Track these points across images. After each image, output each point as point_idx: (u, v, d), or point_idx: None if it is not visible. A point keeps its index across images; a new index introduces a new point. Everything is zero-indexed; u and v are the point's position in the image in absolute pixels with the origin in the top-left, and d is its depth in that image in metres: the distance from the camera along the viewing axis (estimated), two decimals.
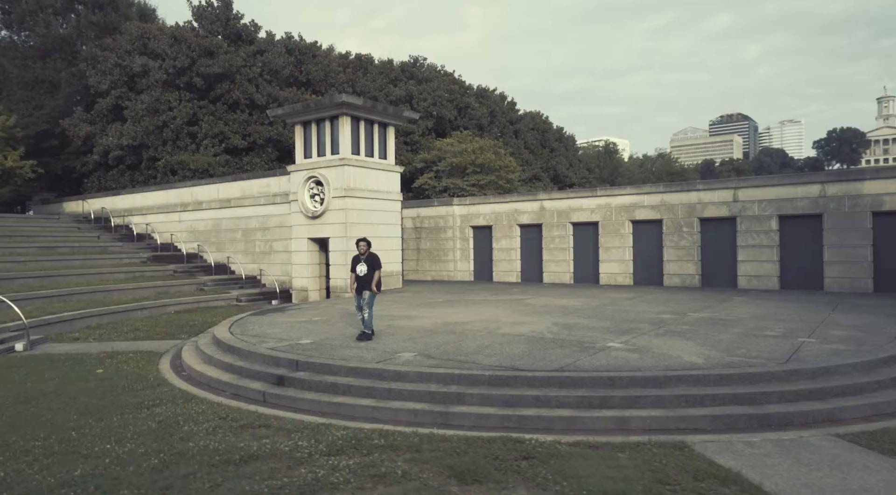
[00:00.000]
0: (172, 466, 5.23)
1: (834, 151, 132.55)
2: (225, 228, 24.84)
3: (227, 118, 29.63)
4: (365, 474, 4.99)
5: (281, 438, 6.02)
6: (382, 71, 42.32)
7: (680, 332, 9.83)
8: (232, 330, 11.25)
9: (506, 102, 51.89)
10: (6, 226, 25.12)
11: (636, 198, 20.31)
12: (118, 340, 12.95)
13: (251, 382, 8.22)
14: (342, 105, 19.32)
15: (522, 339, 9.40)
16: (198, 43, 28.50)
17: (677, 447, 5.60)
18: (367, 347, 9.10)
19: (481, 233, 24.53)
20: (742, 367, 7.13)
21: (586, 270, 21.68)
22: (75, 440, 6.06)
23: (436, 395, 6.94)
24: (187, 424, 6.56)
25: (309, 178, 20.46)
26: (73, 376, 9.22)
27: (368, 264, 10.00)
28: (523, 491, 4.69)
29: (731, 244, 18.48)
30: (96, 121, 31.64)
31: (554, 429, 6.30)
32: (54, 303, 16.54)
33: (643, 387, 6.74)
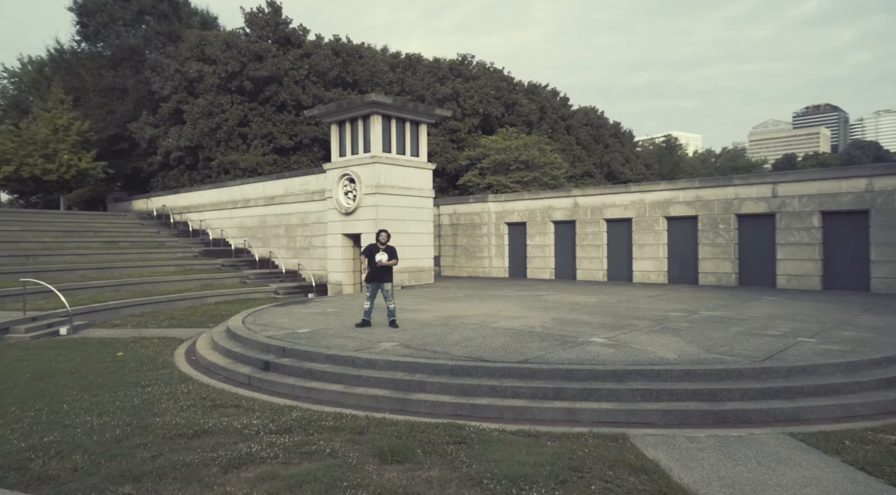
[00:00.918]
0: (131, 437, 5.70)
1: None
2: (269, 224, 25.98)
3: (275, 119, 30.90)
4: (296, 451, 5.27)
5: (241, 417, 6.40)
6: (431, 69, 42.77)
7: (675, 329, 9.58)
8: (246, 319, 11.87)
9: (558, 98, 51.22)
10: (77, 221, 27.31)
11: (671, 194, 19.69)
12: (152, 327, 13.91)
13: (242, 367, 8.71)
14: (372, 104, 19.80)
15: (509, 333, 9.44)
16: (248, 48, 29.88)
17: (614, 439, 5.56)
18: (355, 337, 9.41)
19: (516, 229, 24.46)
20: (710, 364, 6.93)
21: (620, 268, 21.21)
22: (64, 412, 6.68)
23: (399, 383, 7.15)
24: (167, 402, 7.08)
25: (343, 176, 21.09)
26: (94, 357, 10.05)
27: (389, 254, 10.01)
28: (436, 471, 4.83)
29: (769, 242, 17.61)
30: (159, 124, 33.77)
31: (504, 419, 6.37)
32: (105, 293, 17.91)
33: (601, 381, 6.68)
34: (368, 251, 10.11)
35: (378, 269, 9.97)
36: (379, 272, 9.97)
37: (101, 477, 4.73)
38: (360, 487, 4.47)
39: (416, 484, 4.56)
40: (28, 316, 13.24)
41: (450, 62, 44.08)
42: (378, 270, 9.97)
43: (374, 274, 10.01)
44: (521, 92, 45.33)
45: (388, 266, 10.01)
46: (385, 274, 10.01)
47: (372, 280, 10.05)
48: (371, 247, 10.11)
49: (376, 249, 10.03)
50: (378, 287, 10.10)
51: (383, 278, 10.01)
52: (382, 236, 10.12)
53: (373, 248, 10.07)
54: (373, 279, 10.04)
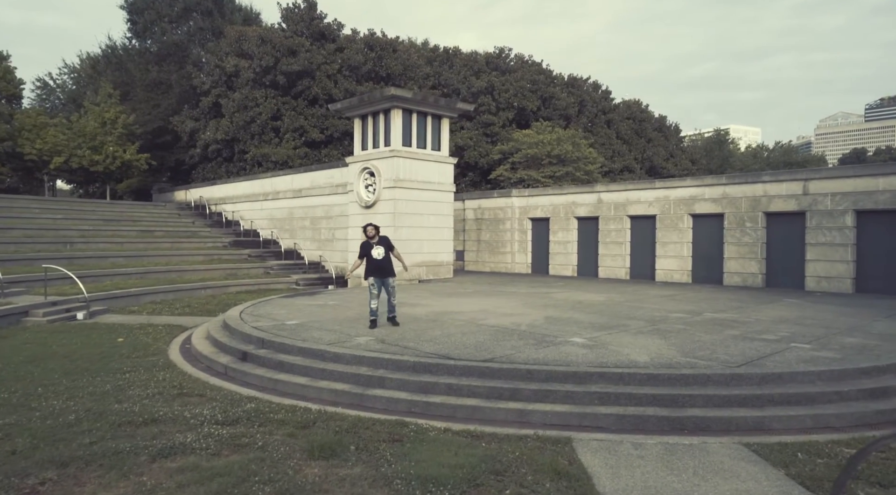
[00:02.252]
0: (82, 423, 5.86)
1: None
2: (297, 216, 26.43)
3: (307, 113, 31.37)
4: (230, 443, 5.30)
5: (196, 407, 6.49)
6: (467, 63, 42.47)
7: (665, 331, 9.17)
8: (244, 310, 12.09)
9: (599, 92, 50.03)
10: (118, 211, 28.51)
11: (696, 191, 18.91)
12: (164, 315, 14.35)
13: (223, 357, 8.86)
14: (393, 98, 19.80)
15: (491, 330, 9.26)
16: (282, 43, 30.40)
17: (556, 442, 5.35)
18: (337, 330, 9.43)
19: (539, 225, 24.05)
20: (679, 368, 6.58)
21: (643, 266, 20.57)
22: (36, 395, 6.94)
23: (360, 378, 7.10)
24: (136, 389, 7.26)
25: (364, 169, 21.22)
26: (94, 342, 10.43)
27: (385, 247, 9.57)
28: (359, 469, 4.76)
29: (799, 241, 16.69)
30: (200, 117, 34.84)
31: (456, 417, 6.23)
32: (131, 280, 18.60)
33: (560, 382, 6.45)
34: (363, 249, 9.68)
35: (378, 264, 9.53)
36: (379, 267, 9.53)
37: (32, 461, 4.86)
38: (269, 482, 4.45)
39: (328, 482, 4.50)
40: (49, 300, 13.88)
41: (486, 55, 43.66)
42: (378, 265, 9.53)
43: (374, 269, 9.55)
44: (559, 85, 44.52)
45: (388, 259, 9.59)
46: (387, 268, 9.58)
47: (374, 275, 9.59)
48: (363, 245, 9.70)
49: (369, 245, 9.62)
50: (382, 282, 9.64)
51: (386, 272, 9.60)
52: (369, 230, 9.67)
53: (366, 246, 9.66)
54: (374, 274, 9.59)
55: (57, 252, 19.69)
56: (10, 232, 20.61)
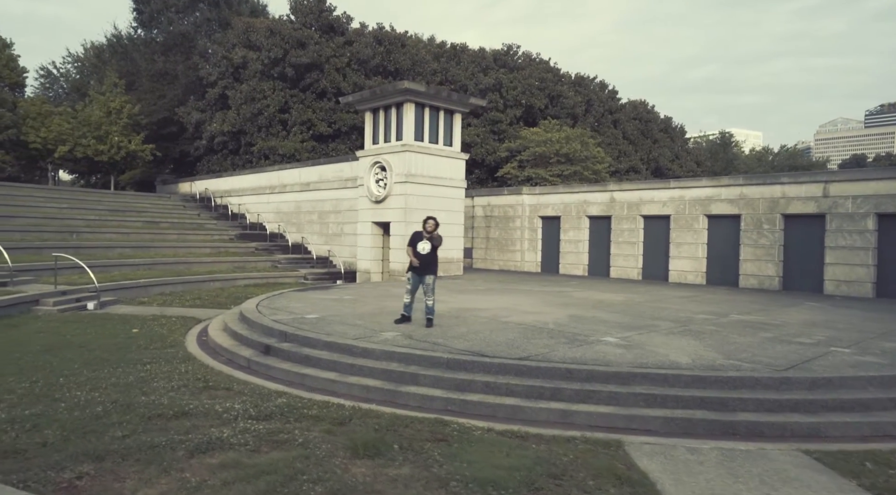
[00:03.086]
0: (111, 415, 5.64)
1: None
2: (304, 210, 26.18)
3: (315, 106, 31.10)
4: (268, 439, 5.09)
5: (226, 401, 6.27)
6: (475, 59, 42.21)
7: (697, 332, 8.97)
8: (260, 303, 11.86)
9: (606, 91, 49.82)
10: (123, 202, 28.23)
11: (712, 191, 18.72)
12: (175, 306, 14.12)
13: (244, 350, 8.64)
14: (406, 91, 19.56)
15: (519, 328, 9.05)
16: (291, 35, 30.12)
17: (608, 445, 5.14)
18: (360, 325, 9.21)
19: (550, 223, 23.85)
20: (724, 370, 6.38)
21: (655, 266, 20.37)
22: (58, 385, 6.72)
23: (392, 374, 6.89)
24: (160, 381, 7.04)
25: (374, 164, 20.98)
26: (108, 333, 10.21)
27: (434, 244, 9.20)
28: (406, 469, 4.55)
29: (818, 244, 16.50)
30: (206, 109, 34.52)
31: (496, 417, 6.02)
32: (139, 271, 18.36)
33: (603, 383, 6.24)
34: (412, 239, 9.35)
35: (421, 260, 9.18)
36: (421, 263, 9.18)
37: (66, 453, 4.65)
38: (319, 481, 4.24)
39: (379, 482, 4.29)
40: (58, 289, 13.64)
41: (494, 52, 43.40)
42: (421, 261, 9.18)
43: (419, 265, 9.22)
44: (566, 84, 44.27)
45: (433, 257, 9.23)
46: (428, 265, 9.20)
47: (413, 269, 9.29)
48: (415, 236, 9.35)
49: (420, 237, 9.25)
50: (420, 279, 9.28)
51: (425, 270, 9.21)
52: (429, 224, 9.28)
53: (416, 237, 9.30)
54: (414, 270, 9.29)
55: (63, 241, 19.42)
56: (14, 220, 20.34)
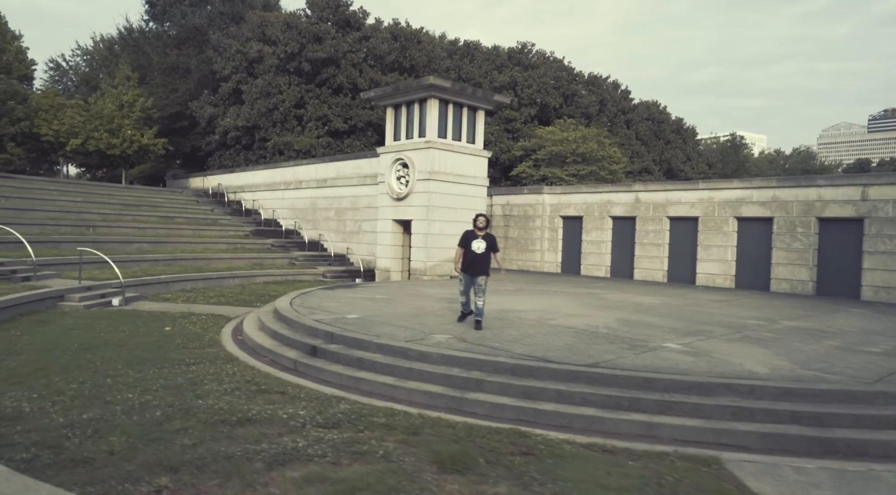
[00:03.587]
0: (172, 420, 5.33)
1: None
2: (320, 207, 25.87)
3: (331, 102, 30.76)
4: (346, 450, 4.77)
5: (287, 406, 5.96)
6: (489, 57, 41.86)
7: (758, 339, 8.65)
8: (293, 301, 11.56)
9: (619, 91, 49.44)
10: (136, 196, 27.95)
11: (743, 193, 18.37)
12: (201, 303, 13.82)
13: (288, 350, 8.33)
14: (430, 87, 19.22)
15: (571, 332, 8.73)
16: (308, 29, 29.78)
17: (706, 463, 4.82)
18: (406, 326, 8.90)
19: (571, 223, 23.51)
20: (813, 382, 6.06)
21: (682, 269, 20.03)
22: (107, 387, 6.41)
23: (455, 380, 6.58)
24: (211, 383, 6.72)
25: (396, 160, 20.65)
26: (142, 331, 9.90)
27: (488, 243, 8.82)
28: (503, 487, 4.23)
29: (855, 249, 16.16)
30: (219, 103, 34.20)
31: (573, 428, 5.71)
32: (158, 267, 18.08)
33: (684, 393, 5.92)
34: (464, 239, 9.01)
35: (473, 259, 8.86)
36: (474, 263, 8.84)
37: (137, 463, 4.34)
38: None
39: None
40: (83, 285, 13.33)
41: (508, 50, 43.05)
42: (473, 261, 8.86)
43: (469, 264, 8.88)
44: (580, 83, 43.93)
45: (486, 257, 8.83)
46: (480, 265, 8.83)
47: (466, 270, 8.95)
48: (467, 234, 9.03)
49: (473, 236, 8.93)
50: (472, 280, 8.92)
51: (478, 270, 8.84)
52: (480, 221, 8.93)
53: (469, 235, 8.98)
54: (467, 269, 8.94)
55: (81, 235, 19.14)
56: (31, 213, 20.05)
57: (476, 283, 8.85)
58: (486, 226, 9.02)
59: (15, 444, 4.64)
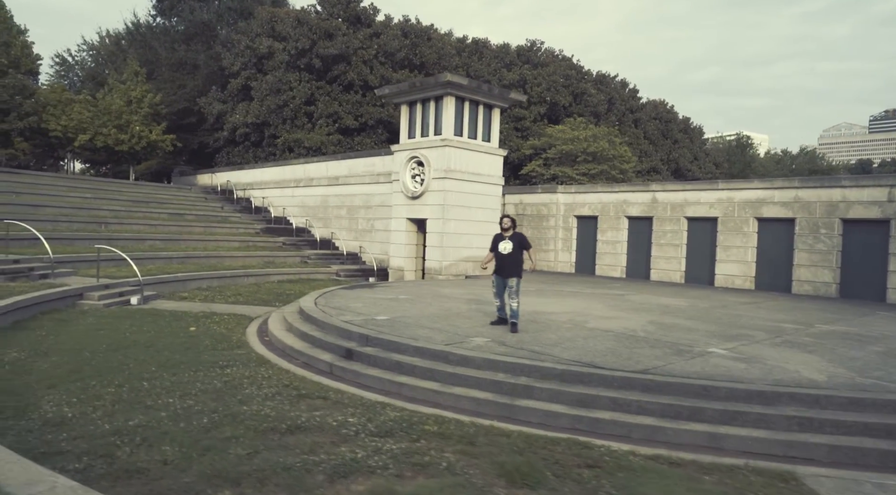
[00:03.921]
0: (220, 427, 5.14)
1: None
2: (332, 205, 25.66)
3: (342, 99, 30.54)
4: (407, 461, 4.58)
5: (333, 412, 5.77)
6: (498, 55, 41.62)
7: (801, 344, 8.45)
8: (317, 301, 11.36)
9: (627, 90, 49.17)
10: (145, 192, 27.75)
11: (764, 193, 18.15)
12: (219, 302, 13.63)
13: (322, 353, 8.14)
14: (447, 84, 19.01)
15: (610, 335, 8.53)
16: (319, 25, 29.54)
17: (782, 477, 4.62)
18: (440, 328, 8.70)
19: (585, 223, 23.30)
20: (878, 392, 5.86)
21: (700, 270, 19.83)
22: (145, 390, 6.22)
23: (502, 385, 6.38)
24: (250, 387, 6.53)
25: (411, 158, 20.45)
26: (167, 331, 9.71)
27: (516, 243, 8.70)
28: None
29: (881, 251, 15.94)
30: (228, 100, 33.98)
31: (631, 438, 5.51)
32: (172, 264, 17.89)
33: (745, 402, 5.73)
34: (493, 242, 9.01)
35: (501, 261, 8.77)
36: (502, 264, 8.75)
37: (194, 474, 4.15)
38: None
39: None
40: (101, 283, 13.14)
41: (517, 48, 42.80)
42: (501, 262, 8.76)
43: (499, 266, 8.83)
44: (589, 81, 43.65)
45: (514, 257, 8.71)
46: (510, 266, 8.70)
47: (496, 272, 8.90)
48: (495, 238, 9.03)
49: (500, 238, 8.90)
50: (503, 282, 8.83)
51: (507, 271, 8.73)
52: (505, 222, 8.88)
53: (496, 238, 8.97)
54: (497, 271, 8.89)
55: (93, 233, 18.96)
56: (43, 209, 19.85)
57: (507, 285, 8.72)
58: (511, 226, 8.95)
59: (65, 453, 4.45)
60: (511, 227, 8.99)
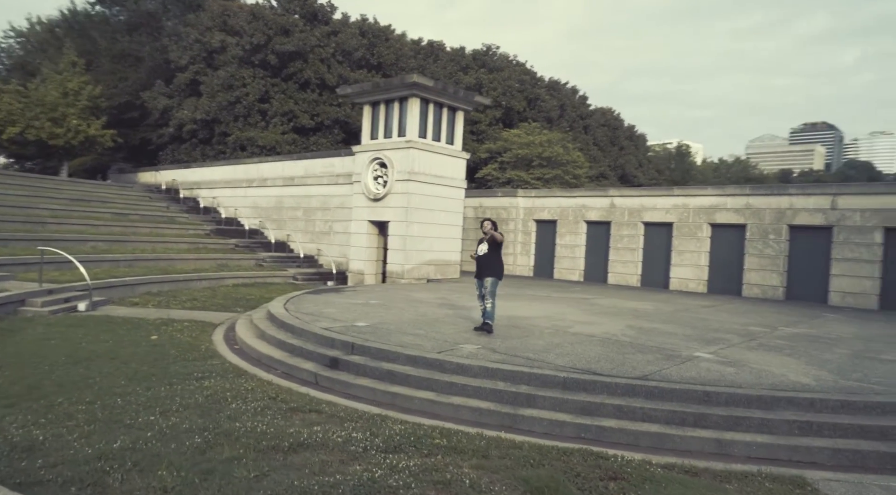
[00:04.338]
0: (216, 447, 4.76)
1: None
2: (287, 206, 24.90)
3: (297, 97, 29.75)
4: (427, 479, 4.35)
5: (333, 427, 5.46)
6: (454, 58, 41.68)
7: (776, 347, 8.72)
8: (287, 306, 10.91)
9: (577, 96, 50.26)
10: (84, 190, 26.10)
11: (717, 200, 18.85)
12: (175, 308, 12.91)
13: (303, 362, 7.76)
14: (413, 85, 18.77)
15: (595, 341, 8.55)
16: (275, 20, 28.68)
17: (796, 483, 4.68)
18: (425, 335, 8.48)
19: (545, 227, 23.56)
20: (865, 394, 6.07)
21: (655, 274, 20.38)
22: (120, 408, 5.71)
23: (503, 395, 6.23)
24: (235, 401, 6.12)
25: (373, 160, 20.08)
26: (127, 340, 9.06)
27: (491, 244, 8.76)
28: None
29: (824, 256, 16.83)
30: (174, 95, 32.46)
31: (640, 446, 5.48)
32: (119, 268, 16.84)
33: (746, 407, 5.80)
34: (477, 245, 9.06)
35: (478, 263, 8.82)
36: (479, 265, 8.81)
37: None
38: None
39: None
40: (44, 288, 12.18)
41: (473, 52, 43.01)
42: (478, 264, 8.82)
43: (476, 267, 8.92)
44: (542, 87, 44.36)
45: (488, 258, 8.74)
46: (483, 267, 8.75)
47: (475, 275, 9.01)
48: (479, 241, 9.06)
49: (480, 241, 8.94)
50: (479, 283, 8.90)
51: (481, 272, 8.81)
52: (486, 225, 8.83)
53: (479, 241, 9.02)
54: (475, 273, 9.00)
55: (30, 233, 17.63)
56: None
57: (482, 285, 8.78)
58: (491, 229, 8.86)
59: (45, 482, 3.99)
60: (492, 230, 8.92)
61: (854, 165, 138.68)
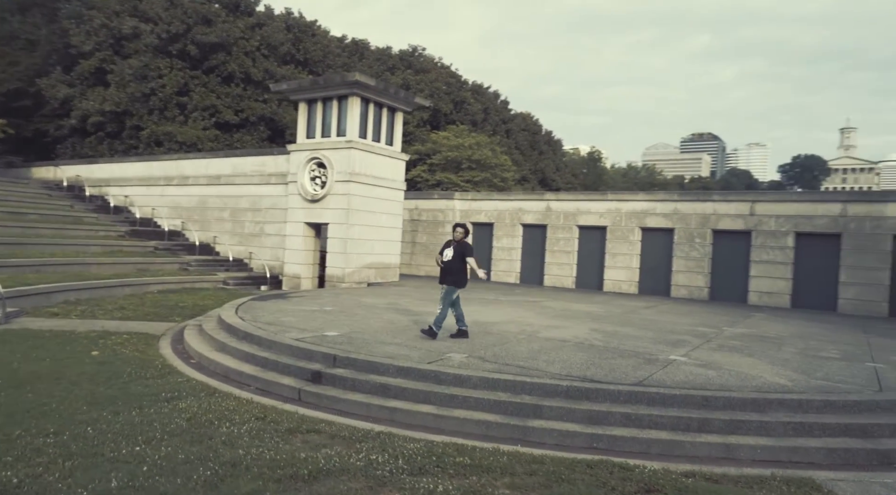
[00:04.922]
0: (228, 480, 4.28)
1: (797, 176, 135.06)
2: (212, 206, 23.45)
3: (220, 91, 28.14)
4: None
5: (344, 449, 5.10)
6: (379, 57, 41.20)
7: (735, 348, 9.23)
8: (241, 315, 10.20)
9: (499, 101, 51.27)
10: None
11: (648, 205, 19.82)
12: (103, 319, 11.74)
13: (280, 377, 7.25)
14: (354, 84, 18.26)
15: (571, 346, 8.64)
16: (194, 9, 26.95)
17: (809, 485, 4.88)
18: (407, 344, 8.20)
19: (481, 230, 23.75)
20: (840, 393, 6.52)
21: (590, 276, 21.11)
22: (93, 438, 5.03)
23: (506, 406, 6.12)
24: (222, 425, 5.58)
25: (311, 160, 19.34)
26: (65, 358, 8.07)
27: (457, 252, 8.60)
28: None
29: (744, 258, 18.13)
30: (76, 83, 29.66)
31: (650, 454, 5.55)
32: (26, 274, 15.10)
33: (741, 410, 6.05)
34: (442, 247, 8.89)
35: (442, 268, 8.69)
36: (442, 270, 8.70)
37: None
38: None
39: None
40: None
41: (400, 52, 42.72)
42: (441, 269, 8.71)
43: (440, 272, 8.78)
44: (468, 90, 44.84)
45: (455, 267, 8.59)
46: (446, 273, 8.64)
47: (440, 280, 8.85)
48: (445, 244, 8.90)
49: (448, 245, 8.77)
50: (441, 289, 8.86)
51: (443, 278, 8.71)
52: (458, 232, 8.72)
53: (445, 245, 8.84)
54: (441, 278, 8.83)
55: None
56: None
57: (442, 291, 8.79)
58: (463, 236, 8.82)
59: None
60: (463, 236, 8.83)
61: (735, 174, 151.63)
